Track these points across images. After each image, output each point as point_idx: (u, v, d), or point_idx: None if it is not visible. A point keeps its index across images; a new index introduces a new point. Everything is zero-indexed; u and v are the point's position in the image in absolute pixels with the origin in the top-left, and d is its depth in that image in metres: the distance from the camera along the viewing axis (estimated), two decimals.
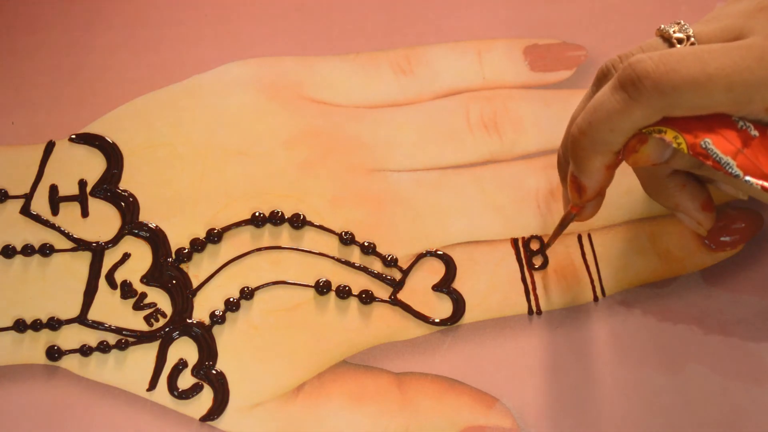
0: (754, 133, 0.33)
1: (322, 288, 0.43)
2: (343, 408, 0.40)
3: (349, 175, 0.45)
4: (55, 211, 0.45)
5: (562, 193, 0.41)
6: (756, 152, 0.33)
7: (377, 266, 0.43)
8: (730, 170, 0.33)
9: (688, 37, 0.35)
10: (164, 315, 0.43)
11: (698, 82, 0.33)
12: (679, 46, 0.35)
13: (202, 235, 0.44)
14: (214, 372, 0.41)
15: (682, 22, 0.36)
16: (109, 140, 0.47)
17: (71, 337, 0.42)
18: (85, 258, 0.44)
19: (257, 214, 0.44)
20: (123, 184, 0.46)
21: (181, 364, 0.42)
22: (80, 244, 0.44)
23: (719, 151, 0.33)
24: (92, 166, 0.46)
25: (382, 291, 0.43)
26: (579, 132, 0.36)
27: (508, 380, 0.40)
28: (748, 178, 0.33)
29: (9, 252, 0.44)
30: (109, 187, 0.46)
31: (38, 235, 0.45)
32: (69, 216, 0.45)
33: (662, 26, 0.36)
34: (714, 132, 0.34)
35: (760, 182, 0.33)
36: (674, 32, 0.36)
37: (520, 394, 0.40)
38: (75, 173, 0.46)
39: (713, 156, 0.33)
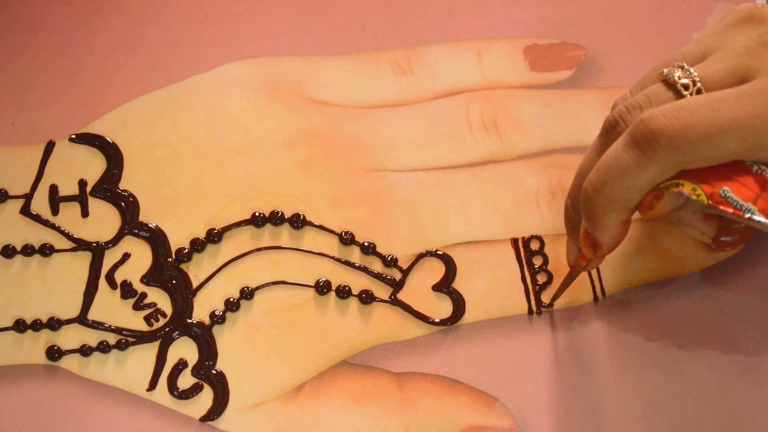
0: None
1: (322, 288, 0.43)
2: (343, 408, 0.40)
3: (349, 175, 0.45)
4: (55, 211, 0.45)
5: (567, 245, 0.41)
6: None
7: (377, 266, 0.43)
8: (752, 216, 0.33)
9: (694, 82, 0.35)
10: (164, 315, 0.43)
11: (712, 136, 0.32)
12: (685, 92, 0.35)
13: (202, 235, 0.44)
14: (214, 372, 0.41)
15: (685, 66, 0.35)
16: (109, 140, 0.47)
17: (71, 337, 0.42)
18: (85, 258, 0.44)
19: (257, 214, 0.44)
20: (123, 184, 0.46)
21: (181, 364, 0.42)
22: (80, 244, 0.44)
23: (739, 198, 0.33)
24: (92, 166, 0.46)
25: (382, 291, 0.43)
26: (593, 190, 0.35)
27: (508, 380, 0.40)
28: None
29: (9, 252, 0.44)
30: (109, 187, 0.46)
31: (38, 235, 0.45)
32: (69, 216, 0.45)
33: (665, 71, 0.36)
34: (731, 180, 0.33)
35: None
36: (679, 78, 0.35)
37: (520, 394, 0.40)
38: (75, 173, 0.46)
39: (733, 204, 0.33)
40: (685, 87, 0.35)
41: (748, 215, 0.33)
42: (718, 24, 0.37)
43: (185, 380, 0.41)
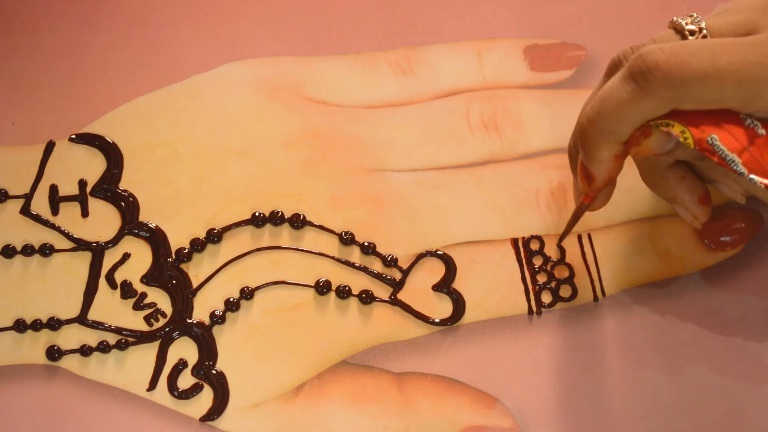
0: (762, 131, 0.33)
1: (322, 288, 0.43)
2: (343, 408, 0.40)
3: (349, 175, 0.45)
4: (55, 211, 0.45)
5: (573, 185, 0.41)
6: (762, 151, 0.33)
7: (377, 266, 0.43)
8: (734, 167, 0.33)
9: (701, 29, 0.35)
10: (164, 315, 0.43)
11: (708, 76, 0.33)
12: (691, 38, 0.35)
13: (202, 235, 0.44)
14: (214, 372, 0.41)
15: (695, 15, 0.36)
16: (109, 140, 0.47)
17: (71, 337, 0.42)
18: (85, 258, 0.44)
19: (257, 214, 0.44)
20: (123, 184, 0.46)
21: (181, 364, 0.42)
22: (80, 244, 0.44)
23: (725, 147, 0.33)
24: (92, 166, 0.46)
25: (382, 291, 0.43)
26: (587, 121, 0.36)
27: (508, 380, 0.40)
28: (752, 176, 0.33)
29: (9, 252, 0.44)
30: (109, 187, 0.46)
31: (38, 235, 0.45)
32: (69, 216, 0.45)
33: (675, 18, 0.36)
34: (721, 128, 0.34)
35: (765, 181, 0.33)
36: (686, 24, 0.35)
37: (520, 394, 0.40)
38: (75, 173, 0.46)
39: (719, 152, 0.33)
40: (691, 33, 0.35)
41: (731, 166, 0.33)
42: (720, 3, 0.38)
43: (185, 380, 0.41)
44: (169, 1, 0.51)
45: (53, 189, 0.46)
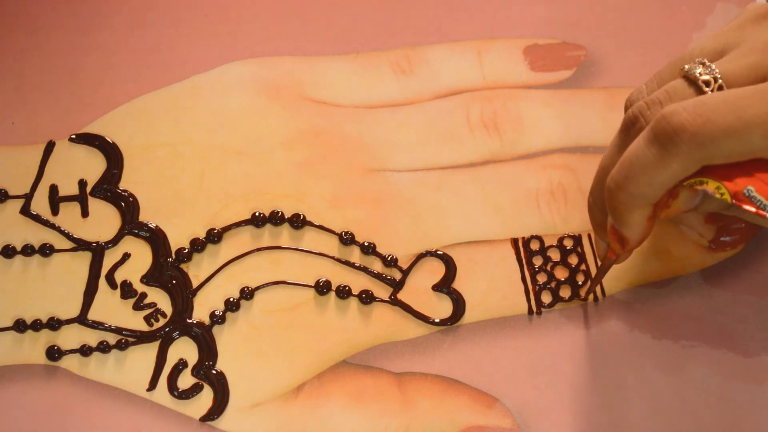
0: None
1: (322, 288, 0.43)
2: (343, 408, 0.40)
3: (349, 175, 0.45)
4: (55, 211, 0.45)
5: (594, 238, 0.41)
6: None
7: (377, 266, 0.43)
8: None
9: (716, 79, 0.35)
10: (164, 315, 0.43)
11: (736, 131, 0.32)
12: (707, 89, 0.34)
13: (202, 235, 0.44)
14: (214, 372, 0.41)
15: (707, 62, 0.35)
16: (109, 140, 0.47)
17: (71, 337, 0.42)
18: (85, 258, 0.44)
19: (257, 214, 0.44)
20: (123, 184, 0.46)
21: (181, 364, 0.42)
22: (80, 244, 0.44)
23: (763, 198, 0.33)
24: (92, 166, 0.46)
25: (382, 291, 0.43)
26: (616, 186, 0.35)
27: (508, 380, 0.40)
28: None
29: (9, 252, 0.44)
30: (109, 187, 0.46)
31: (38, 235, 0.45)
32: (69, 216, 0.45)
33: (686, 67, 0.35)
34: (754, 178, 0.33)
35: None
36: (700, 74, 0.35)
37: (520, 394, 0.40)
38: (75, 173, 0.46)
39: (757, 203, 0.33)
40: (707, 84, 0.35)
41: None
42: (735, 20, 0.37)
43: (185, 380, 0.41)
44: (169, 1, 0.51)
45: (53, 189, 0.46)
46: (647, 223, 0.36)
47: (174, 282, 0.43)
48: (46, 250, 0.44)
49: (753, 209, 0.33)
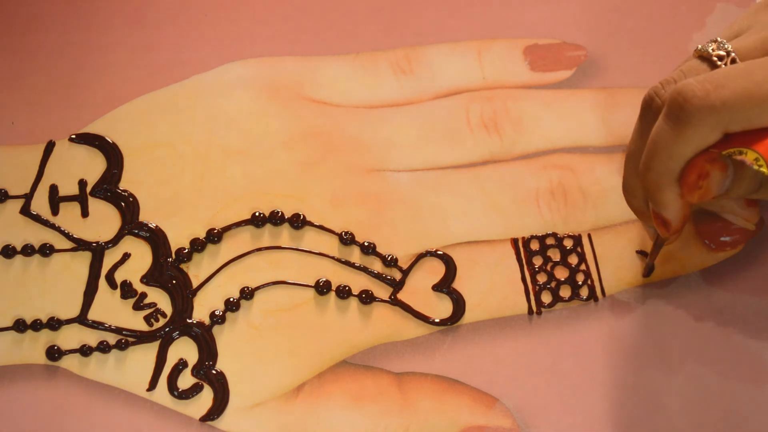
0: None
1: (322, 288, 0.43)
2: (343, 408, 0.40)
3: (349, 175, 0.45)
4: (55, 211, 0.45)
5: (642, 222, 0.42)
6: None
7: (377, 266, 0.43)
8: None
9: (728, 53, 0.35)
10: (164, 315, 0.43)
11: (748, 93, 0.33)
12: (720, 63, 0.35)
13: (202, 235, 0.44)
14: (214, 372, 0.41)
15: (719, 39, 0.36)
16: (109, 140, 0.47)
17: (71, 337, 0.42)
18: (85, 258, 0.44)
19: (257, 214, 0.44)
20: (123, 184, 0.46)
21: (181, 364, 0.42)
22: (80, 244, 0.44)
23: None
24: (92, 166, 0.46)
25: (382, 291, 0.43)
26: (644, 168, 0.36)
27: (508, 380, 0.40)
28: None
29: (9, 252, 0.44)
30: (109, 187, 0.46)
31: (38, 235, 0.45)
32: (69, 216, 0.45)
33: (699, 46, 0.36)
34: None
35: None
36: (713, 51, 0.35)
37: (520, 394, 0.40)
38: (75, 173, 0.46)
39: None
40: (720, 58, 0.35)
41: None
42: (750, 8, 0.38)
43: (185, 380, 0.41)
44: (169, 1, 0.51)
45: (53, 189, 0.46)
46: (682, 200, 0.36)
47: (174, 282, 0.43)
48: (46, 250, 0.44)
49: None
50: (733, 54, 0.35)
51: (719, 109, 0.33)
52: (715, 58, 0.35)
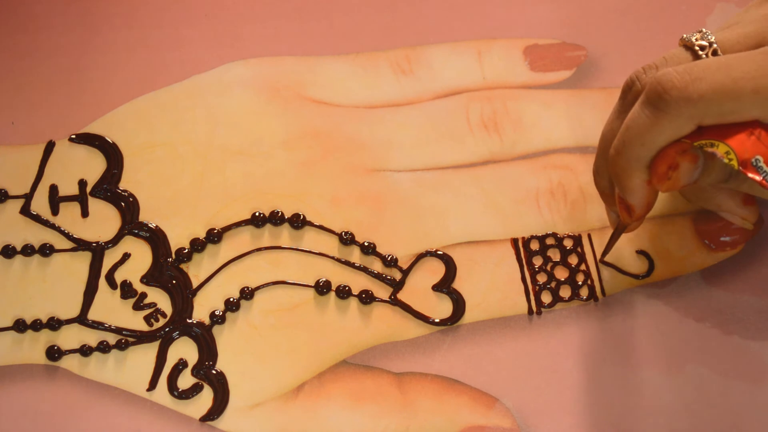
0: None
1: (322, 288, 0.43)
2: (343, 408, 0.40)
3: (349, 175, 0.45)
4: (55, 211, 0.45)
5: (605, 205, 0.41)
6: None
7: (377, 266, 0.43)
8: None
9: (710, 44, 0.36)
10: (164, 315, 0.43)
11: (725, 88, 0.33)
12: (702, 53, 0.35)
13: (202, 235, 0.44)
14: (214, 372, 0.41)
15: (704, 30, 0.36)
16: (109, 140, 0.47)
17: (71, 337, 0.42)
18: (85, 258, 0.44)
19: (257, 214, 0.44)
20: (123, 184, 0.46)
21: (181, 364, 0.42)
22: (80, 244, 0.44)
23: None
24: (92, 166, 0.46)
25: (382, 291, 0.43)
26: (615, 152, 0.36)
27: (508, 380, 0.40)
28: None
29: (9, 252, 0.44)
30: (109, 187, 0.46)
31: (38, 235, 0.45)
32: (69, 216, 0.45)
33: (684, 36, 0.36)
34: (765, 148, 0.33)
35: None
36: (696, 40, 0.36)
37: (520, 394, 0.40)
38: (75, 173, 0.46)
39: (762, 174, 0.33)
40: (702, 48, 0.36)
41: None
42: (745, 6, 0.38)
43: (185, 380, 0.41)
44: (169, 1, 0.51)
45: (53, 189, 0.46)
46: (648, 186, 0.36)
47: (174, 282, 0.43)
48: (46, 250, 0.44)
49: (758, 178, 0.33)
50: (715, 45, 0.36)
51: (696, 102, 0.33)
52: (697, 48, 0.36)
